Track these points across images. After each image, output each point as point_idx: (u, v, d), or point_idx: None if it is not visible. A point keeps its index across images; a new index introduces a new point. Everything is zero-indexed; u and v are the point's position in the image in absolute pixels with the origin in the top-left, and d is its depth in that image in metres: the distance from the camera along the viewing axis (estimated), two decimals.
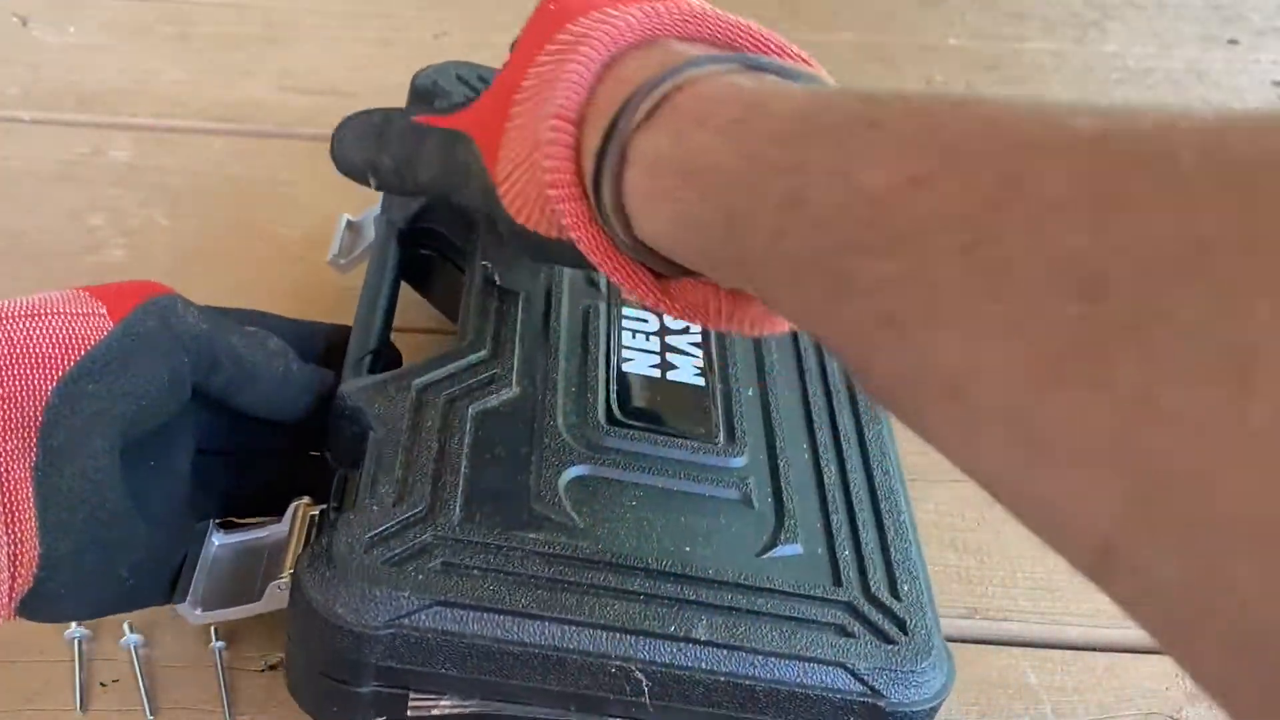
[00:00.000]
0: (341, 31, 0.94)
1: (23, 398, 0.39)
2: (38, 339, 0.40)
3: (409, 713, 0.43)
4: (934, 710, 0.43)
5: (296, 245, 0.73)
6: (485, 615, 0.41)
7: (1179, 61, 0.94)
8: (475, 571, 0.42)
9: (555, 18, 0.43)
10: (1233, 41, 0.97)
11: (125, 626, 0.51)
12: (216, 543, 0.47)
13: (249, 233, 0.74)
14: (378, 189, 0.50)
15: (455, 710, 0.43)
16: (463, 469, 0.45)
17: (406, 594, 0.40)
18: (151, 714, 0.49)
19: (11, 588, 0.40)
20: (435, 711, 0.43)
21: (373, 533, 0.42)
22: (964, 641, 0.53)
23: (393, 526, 0.42)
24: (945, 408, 0.25)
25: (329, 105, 0.85)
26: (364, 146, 0.49)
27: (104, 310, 0.42)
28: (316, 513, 0.47)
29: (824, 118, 0.30)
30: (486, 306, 0.53)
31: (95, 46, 0.91)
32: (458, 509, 0.44)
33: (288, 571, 0.44)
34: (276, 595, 0.44)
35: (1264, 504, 0.19)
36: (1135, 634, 0.53)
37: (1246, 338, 0.19)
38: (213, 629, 0.51)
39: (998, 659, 0.53)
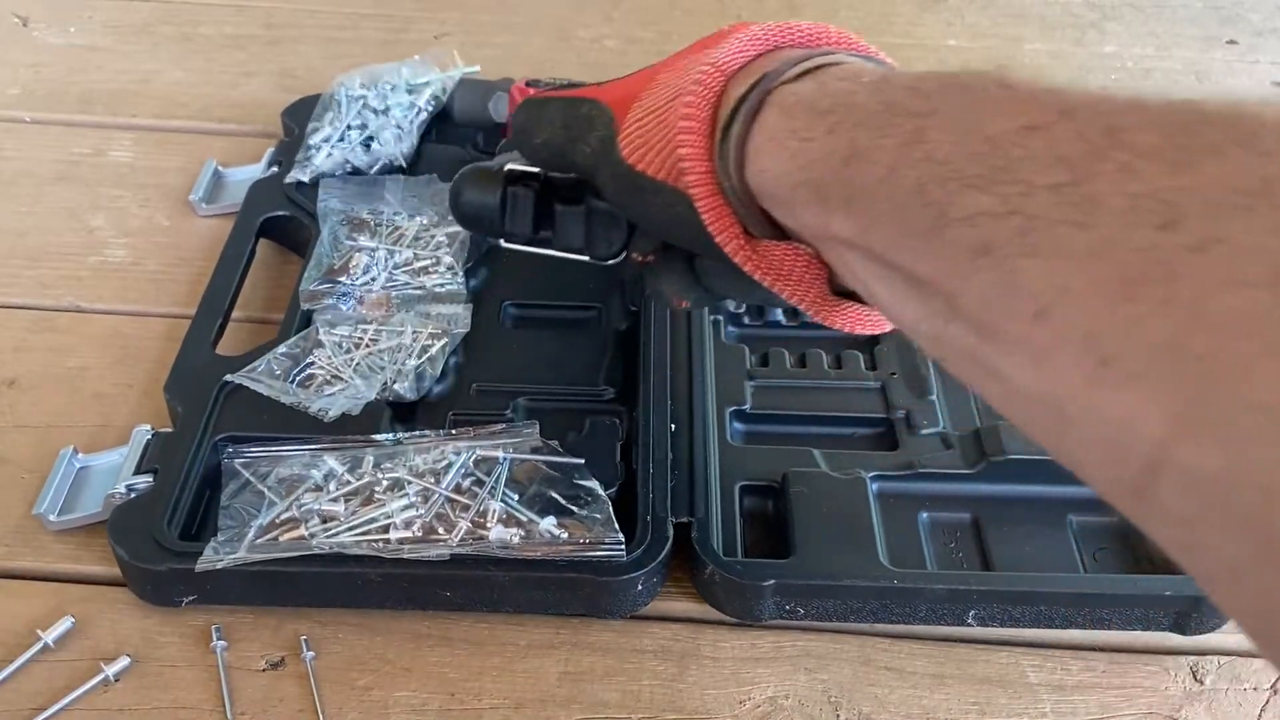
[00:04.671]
0: (341, 31, 0.94)
1: None
2: None
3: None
4: None
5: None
6: None
7: (1178, 62, 0.94)
8: None
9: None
10: (1232, 42, 0.97)
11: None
12: (77, 465, 0.57)
13: None
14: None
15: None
16: None
17: None
18: (152, 712, 0.49)
19: None
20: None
21: None
22: (964, 642, 0.53)
23: None
24: (1028, 330, 0.28)
25: None
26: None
27: None
28: (150, 437, 0.57)
29: (961, 78, 0.33)
30: None
31: (96, 47, 0.91)
32: None
33: (121, 484, 0.54)
34: (110, 504, 0.54)
35: None
36: (1135, 634, 0.54)
37: None
38: (213, 629, 0.51)
39: (998, 659, 0.53)
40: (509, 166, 0.51)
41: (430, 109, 0.75)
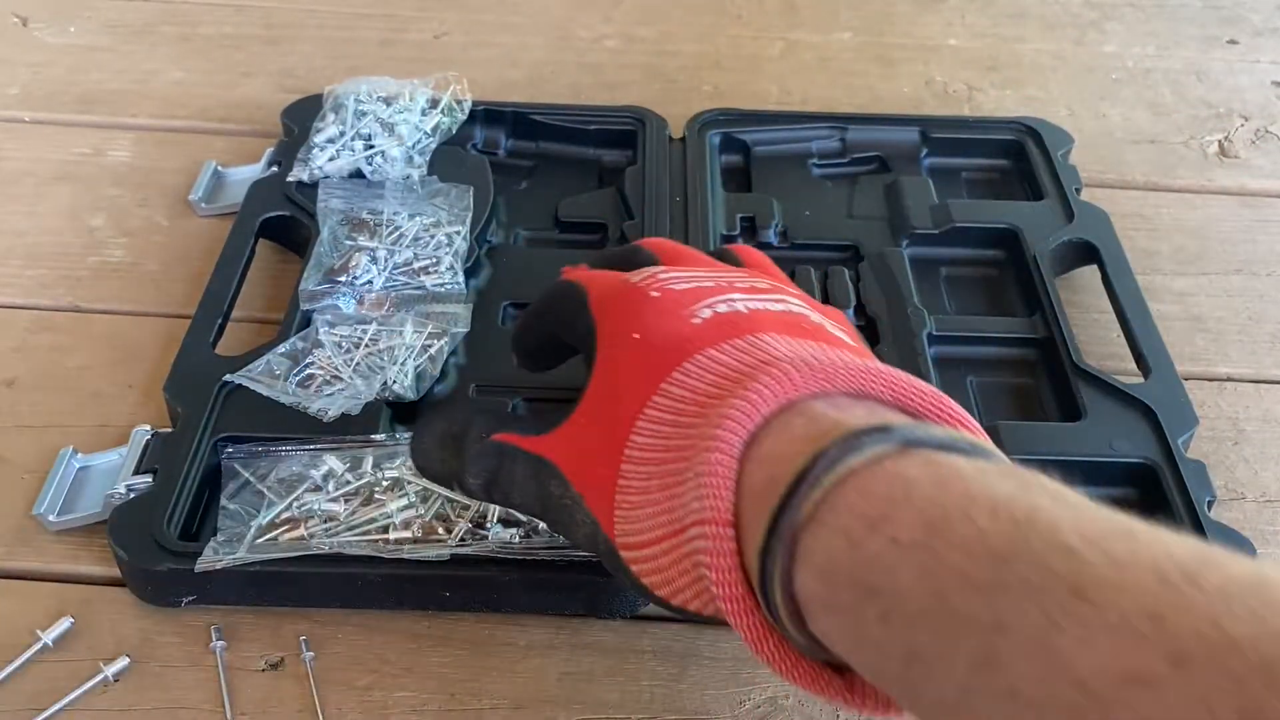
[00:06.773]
0: (341, 31, 0.94)
1: None
2: None
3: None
4: None
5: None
6: None
7: (1178, 62, 0.94)
8: None
9: (665, 347, 0.41)
10: (1232, 42, 0.97)
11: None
12: (76, 465, 0.57)
13: None
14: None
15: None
16: None
17: None
18: (152, 713, 0.49)
19: None
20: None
21: None
22: None
23: None
24: None
25: None
26: (445, 459, 0.46)
27: None
28: (150, 437, 0.57)
29: (1019, 568, 0.28)
30: None
31: (95, 46, 0.91)
32: None
33: (121, 484, 0.54)
34: (110, 504, 0.54)
35: None
36: None
37: None
38: (212, 629, 0.51)
39: None
40: None
41: (438, 141, 0.75)
